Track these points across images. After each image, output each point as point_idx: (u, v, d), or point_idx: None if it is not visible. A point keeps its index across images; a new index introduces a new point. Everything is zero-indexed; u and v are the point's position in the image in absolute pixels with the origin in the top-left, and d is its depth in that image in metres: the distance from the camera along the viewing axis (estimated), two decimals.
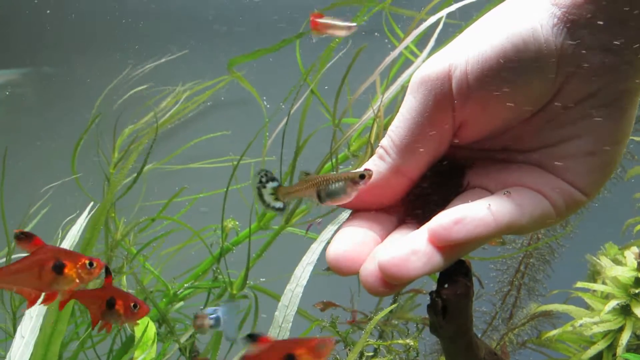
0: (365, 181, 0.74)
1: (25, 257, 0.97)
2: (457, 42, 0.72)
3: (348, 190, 0.75)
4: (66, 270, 0.97)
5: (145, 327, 1.55)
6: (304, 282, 1.35)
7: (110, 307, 1.06)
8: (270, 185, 0.81)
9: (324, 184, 0.77)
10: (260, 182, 0.81)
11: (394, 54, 1.48)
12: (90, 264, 0.98)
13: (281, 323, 1.31)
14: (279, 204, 0.81)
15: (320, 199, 0.77)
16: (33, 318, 1.31)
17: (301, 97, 1.72)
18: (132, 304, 1.07)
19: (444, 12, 1.45)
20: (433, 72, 0.70)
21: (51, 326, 1.28)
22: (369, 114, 1.51)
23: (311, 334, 1.80)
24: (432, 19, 1.47)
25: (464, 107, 0.70)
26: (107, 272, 1.07)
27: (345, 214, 0.86)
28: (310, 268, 1.37)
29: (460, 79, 0.69)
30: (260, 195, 0.80)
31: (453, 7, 1.46)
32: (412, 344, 1.37)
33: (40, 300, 1.00)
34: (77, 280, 0.98)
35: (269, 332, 1.30)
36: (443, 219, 0.66)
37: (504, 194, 0.70)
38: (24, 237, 0.96)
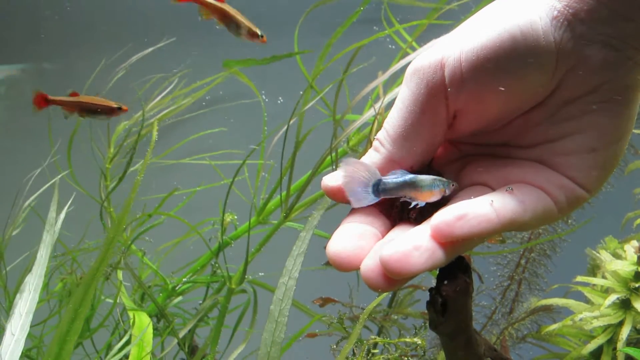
0: None
1: None
2: (453, 33, 0.72)
3: None
4: None
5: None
6: (296, 275, 1.32)
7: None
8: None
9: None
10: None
11: (402, 63, 1.46)
12: None
13: (277, 317, 1.29)
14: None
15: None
16: (22, 315, 1.32)
17: (303, 95, 1.71)
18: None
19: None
20: (426, 61, 0.70)
21: (67, 324, 1.28)
22: (370, 113, 1.49)
23: (311, 329, 1.80)
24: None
25: (458, 96, 0.70)
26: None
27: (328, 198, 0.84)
28: (301, 259, 1.34)
29: (453, 67, 0.68)
30: None
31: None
32: (419, 342, 1.36)
33: None
34: None
35: (266, 327, 1.29)
36: (446, 215, 0.65)
37: (506, 190, 0.70)
38: None
